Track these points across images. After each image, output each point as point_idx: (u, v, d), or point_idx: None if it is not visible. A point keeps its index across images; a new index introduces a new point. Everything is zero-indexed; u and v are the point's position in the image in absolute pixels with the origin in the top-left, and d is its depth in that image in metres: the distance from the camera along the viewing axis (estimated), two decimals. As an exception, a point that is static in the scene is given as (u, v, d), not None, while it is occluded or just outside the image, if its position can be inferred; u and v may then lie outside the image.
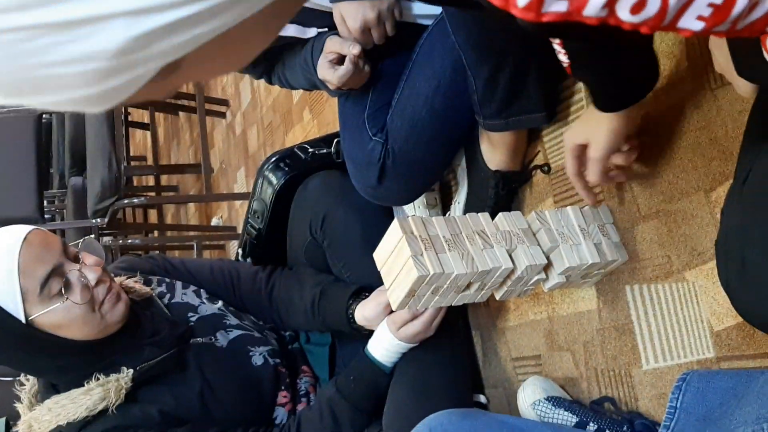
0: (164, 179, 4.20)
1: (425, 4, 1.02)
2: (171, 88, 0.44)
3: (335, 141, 1.50)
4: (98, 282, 1.18)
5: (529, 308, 1.36)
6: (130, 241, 3.30)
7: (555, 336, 1.30)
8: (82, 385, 1.19)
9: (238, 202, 3.14)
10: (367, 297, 1.34)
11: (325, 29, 1.27)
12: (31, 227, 1.17)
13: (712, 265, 0.98)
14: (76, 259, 1.20)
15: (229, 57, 0.44)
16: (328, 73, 1.22)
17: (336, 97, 1.42)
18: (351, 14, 1.17)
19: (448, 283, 1.03)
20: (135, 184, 4.51)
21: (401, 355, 1.30)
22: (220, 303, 1.44)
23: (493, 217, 1.10)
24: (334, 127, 1.47)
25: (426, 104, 1.24)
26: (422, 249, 1.00)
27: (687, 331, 1.04)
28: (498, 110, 1.18)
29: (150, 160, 4.14)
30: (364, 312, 1.32)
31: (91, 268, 1.19)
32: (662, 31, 0.49)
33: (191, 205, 4.02)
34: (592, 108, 0.95)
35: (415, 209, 1.50)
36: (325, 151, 1.52)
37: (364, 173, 1.32)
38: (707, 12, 0.46)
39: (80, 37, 0.35)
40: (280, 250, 1.56)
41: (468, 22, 1.07)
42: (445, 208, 1.52)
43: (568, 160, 1.04)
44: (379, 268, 1.07)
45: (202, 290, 1.46)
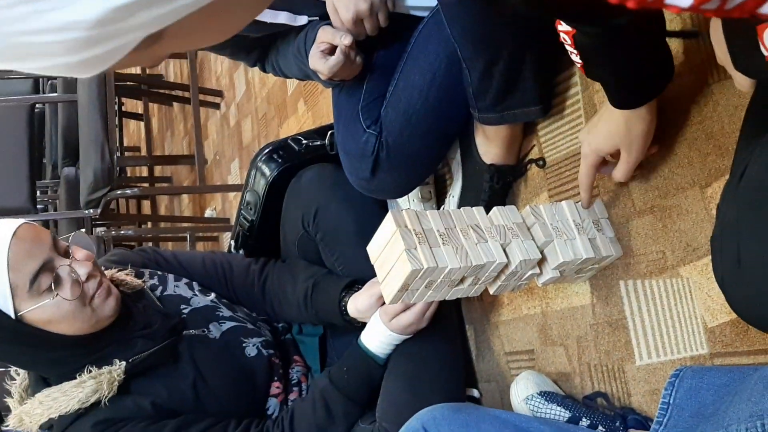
0: (158, 170, 4.19)
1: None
2: (156, 56, 0.44)
3: (329, 133, 1.49)
4: (89, 277, 1.18)
5: (522, 303, 1.36)
6: (123, 232, 3.29)
7: (548, 331, 1.29)
8: (74, 378, 1.19)
9: (231, 194, 3.13)
10: (360, 290, 1.33)
11: (317, 18, 1.26)
12: (20, 221, 1.16)
13: (706, 260, 0.98)
14: (67, 254, 1.19)
15: (213, 28, 0.44)
16: (319, 63, 1.21)
17: (329, 89, 1.41)
18: (344, 5, 1.17)
19: (441, 277, 1.02)
20: (128, 175, 4.49)
21: (395, 348, 1.30)
22: (213, 295, 1.44)
23: (487, 210, 1.10)
24: (329, 119, 1.46)
25: (421, 97, 1.23)
26: (416, 243, 0.99)
27: (681, 326, 1.04)
28: (493, 103, 1.17)
29: (143, 151, 4.13)
30: (356, 304, 1.31)
31: (81, 263, 1.18)
32: (649, 6, 0.47)
33: (185, 196, 4.01)
34: (611, 113, 0.94)
35: (409, 202, 1.49)
36: (319, 142, 1.51)
37: (357, 166, 1.31)
38: None
39: (60, 6, 0.35)
40: (273, 241, 1.55)
41: (463, 14, 1.06)
42: (440, 201, 1.52)
43: (586, 169, 1.02)
44: (372, 262, 1.06)
45: (194, 283, 1.45)
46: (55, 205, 3.74)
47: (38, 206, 3.13)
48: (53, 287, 1.13)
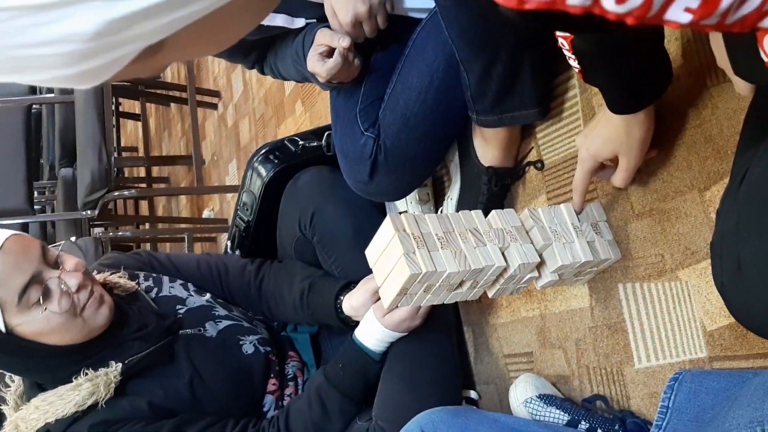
0: (155, 171, 4.18)
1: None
2: (156, 67, 0.44)
3: (326, 134, 1.49)
4: (79, 287, 1.16)
5: (521, 305, 1.36)
6: (120, 233, 3.28)
7: (547, 333, 1.29)
8: (71, 381, 1.18)
9: (229, 195, 3.13)
10: None
11: (314, 21, 1.26)
12: (9, 233, 1.14)
13: (705, 264, 0.98)
14: (56, 264, 1.17)
15: (212, 38, 0.44)
16: (318, 66, 1.21)
17: (328, 91, 1.41)
18: (342, 7, 1.16)
19: (440, 281, 1.02)
20: (126, 176, 4.48)
21: (391, 347, 1.30)
22: (208, 295, 1.44)
23: (485, 213, 1.09)
24: (326, 120, 1.45)
25: (419, 99, 1.23)
26: (414, 247, 0.99)
27: (679, 330, 1.03)
28: (491, 106, 1.17)
29: (141, 152, 4.12)
30: (351, 301, 1.31)
31: (71, 273, 1.16)
32: (648, 22, 0.47)
33: (182, 197, 4.00)
34: (609, 118, 0.93)
35: (407, 205, 1.49)
36: (315, 143, 1.51)
37: (355, 168, 1.30)
38: (695, 3, 0.45)
39: (56, 19, 0.35)
40: (270, 242, 1.55)
41: (461, 17, 1.06)
42: (438, 203, 1.51)
43: (582, 174, 1.02)
44: (371, 266, 1.06)
45: (189, 284, 1.45)
46: (53, 206, 3.73)
47: (35, 207, 3.11)
48: (41, 301, 1.12)
